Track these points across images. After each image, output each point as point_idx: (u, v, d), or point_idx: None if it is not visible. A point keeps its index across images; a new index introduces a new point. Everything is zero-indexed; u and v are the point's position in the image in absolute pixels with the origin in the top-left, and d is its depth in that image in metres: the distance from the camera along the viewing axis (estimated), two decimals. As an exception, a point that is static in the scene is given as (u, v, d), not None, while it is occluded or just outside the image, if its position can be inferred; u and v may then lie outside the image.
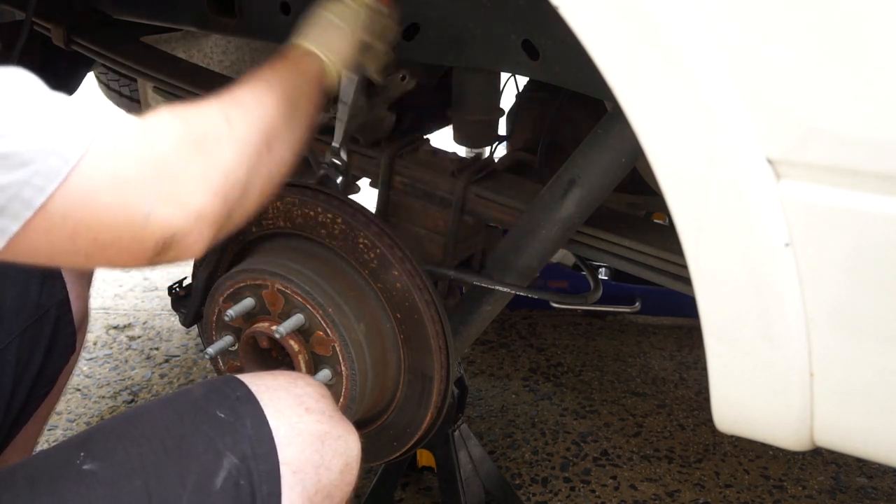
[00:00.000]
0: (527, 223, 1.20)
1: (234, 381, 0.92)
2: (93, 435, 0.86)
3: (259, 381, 0.93)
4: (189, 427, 0.86)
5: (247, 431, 0.87)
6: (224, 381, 0.93)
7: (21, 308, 1.15)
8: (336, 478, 0.91)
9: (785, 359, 0.79)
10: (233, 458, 0.85)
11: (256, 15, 1.38)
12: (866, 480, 2.02)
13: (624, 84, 0.76)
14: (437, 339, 1.19)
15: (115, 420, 0.89)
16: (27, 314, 1.16)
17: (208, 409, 0.88)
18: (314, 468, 0.89)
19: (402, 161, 1.38)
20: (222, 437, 0.86)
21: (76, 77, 2.13)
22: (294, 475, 0.87)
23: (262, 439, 0.87)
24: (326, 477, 0.90)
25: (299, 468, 0.88)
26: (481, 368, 2.49)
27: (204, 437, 0.85)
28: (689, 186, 0.77)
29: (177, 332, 2.70)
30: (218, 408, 0.88)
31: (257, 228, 1.26)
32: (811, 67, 0.69)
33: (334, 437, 0.92)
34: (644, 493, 1.97)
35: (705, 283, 0.80)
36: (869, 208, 0.70)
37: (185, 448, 0.84)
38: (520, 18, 1.12)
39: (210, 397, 0.90)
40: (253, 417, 0.88)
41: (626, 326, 2.75)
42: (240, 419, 0.88)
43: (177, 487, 0.82)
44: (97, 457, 0.82)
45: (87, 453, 0.82)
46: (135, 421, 0.87)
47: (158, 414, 0.88)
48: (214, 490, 0.83)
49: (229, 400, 0.89)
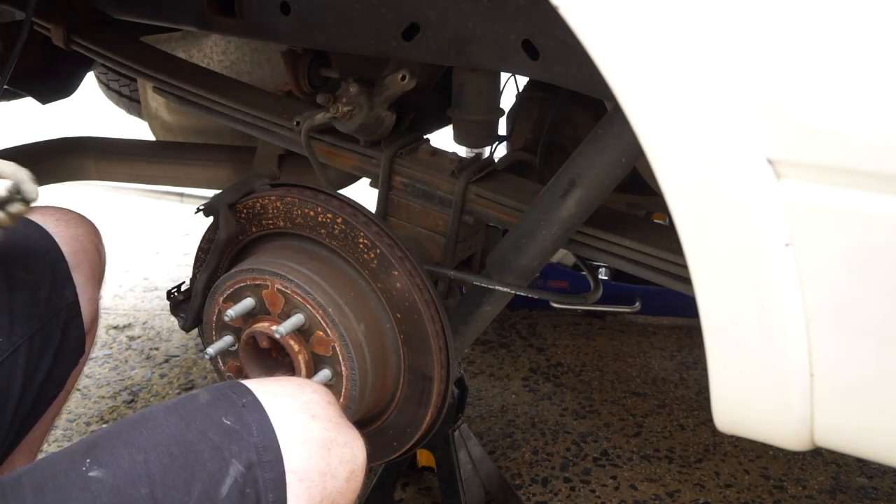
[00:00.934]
0: (527, 223, 1.20)
1: (241, 388, 0.92)
2: (98, 441, 0.85)
3: (265, 388, 0.93)
4: (195, 434, 0.86)
5: (253, 439, 0.86)
6: (230, 387, 0.92)
7: (32, 311, 1.15)
8: (342, 485, 0.91)
9: (785, 359, 0.79)
10: (239, 465, 0.85)
11: (256, 15, 1.38)
12: (866, 480, 2.02)
13: (624, 84, 0.76)
14: (437, 339, 1.19)
15: (120, 425, 0.88)
16: (38, 317, 1.16)
17: (214, 415, 0.88)
18: (320, 476, 0.89)
19: (402, 161, 1.38)
20: (228, 444, 0.85)
21: (76, 77, 2.12)
22: (300, 483, 0.87)
23: (268, 447, 0.87)
24: (332, 484, 0.90)
25: (305, 476, 0.87)
26: (481, 368, 2.49)
27: (210, 444, 0.85)
28: (689, 186, 0.77)
29: (177, 332, 2.70)
30: (224, 415, 0.88)
31: (257, 228, 1.26)
32: (812, 67, 0.69)
33: (340, 445, 0.92)
34: (644, 493, 1.97)
35: (705, 283, 0.80)
36: (869, 208, 0.70)
37: (191, 455, 0.84)
38: (520, 18, 1.12)
39: (216, 404, 0.89)
40: (259, 425, 0.88)
41: (626, 326, 2.75)
42: (246, 426, 0.87)
43: (183, 495, 0.82)
44: (103, 463, 0.82)
45: (92, 460, 0.82)
46: (141, 427, 0.87)
47: (164, 420, 0.88)
48: (220, 498, 0.83)
49: (236, 407, 0.89)
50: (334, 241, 1.20)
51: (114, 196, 3.84)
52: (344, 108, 1.30)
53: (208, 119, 1.64)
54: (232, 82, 1.64)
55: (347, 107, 1.30)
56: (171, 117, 2.32)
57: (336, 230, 1.19)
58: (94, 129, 2.51)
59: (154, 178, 2.13)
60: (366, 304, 1.20)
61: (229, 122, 1.58)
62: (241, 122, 1.56)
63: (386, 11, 1.24)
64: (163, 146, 2.24)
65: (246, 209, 1.25)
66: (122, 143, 2.14)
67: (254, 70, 2.12)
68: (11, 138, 2.15)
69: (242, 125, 1.56)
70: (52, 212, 1.25)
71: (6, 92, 1.83)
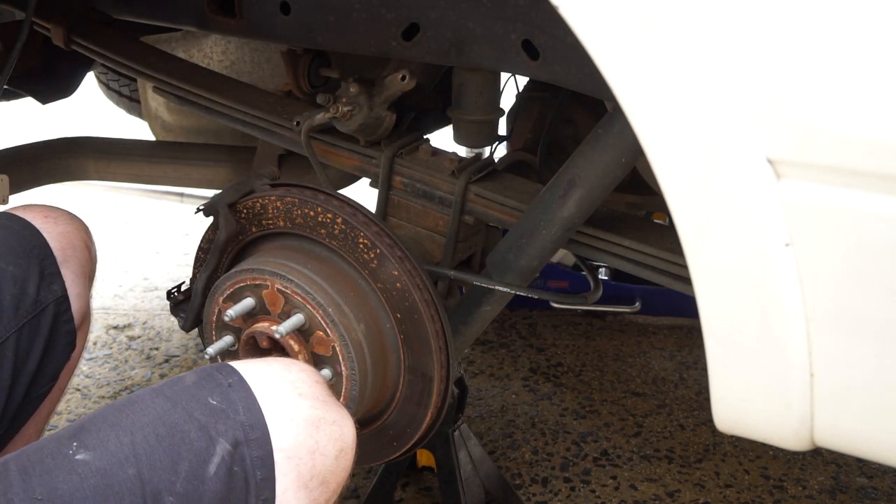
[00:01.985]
0: (527, 223, 1.20)
1: (227, 368, 0.92)
2: (85, 425, 0.86)
3: (252, 368, 0.93)
4: (181, 414, 0.86)
5: (239, 417, 0.87)
6: (216, 368, 0.93)
7: (19, 304, 1.16)
8: (331, 463, 0.91)
9: (785, 359, 0.79)
10: (226, 444, 0.85)
11: (256, 15, 1.38)
12: (866, 480, 2.02)
13: (624, 84, 0.76)
14: (437, 339, 1.19)
15: (107, 409, 0.89)
16: (25, 311, 1.17)
17: (200, 396, 0.88)
18: (309, 453, 0.89)
19: (401, 161, 1.38)
20: (215, 423, 0.86)
21: (76, 77, 2.12)
22: (288, 461, 0.87)
23: (254, 425, 0.87)
24: (321, 462, 0.90)
25: (294, 454, 0.87)
26: (481, 368, 2.49)
27: (196, 423, 0.85)
28: (689, 186, 0.76)
29: (177, 332, 2.70)
30: (210, 395, 0.88)
31: (257, 228, 1.26)
32: (812, 67, 0.69)
33: (329, 423, 0.92)
34: (644, 493, 1.97)
35: (705, 284, 0.80)
36: (869, 208, 0.70)
37: (177, 435, 0.84)
38: (520, 18, 1.12)
39: (202, 384, 0.89)
40: (245, 403, 0.88)
41: (626, 326, 2.75)
42: (232, 405, 0.87)
43: (170, 475, 0.82)
44: (90, 446, 0.82)
45: (79, 443, 0.83)
46: (127, 409, 0.87)
47: (150, 402, 0.88)
48: (208, 476, 0.83)
49: (222, 387, 0.89)
50: (334, 241, 1.20)
51: (114, 196, 3.84)
52: (344, 108, 1.30)
53: (208, 119, 1.64)
54: (232, 82, 1.64)
55: (347, 107, 1.30)
56: (171, 117, 2.32)
57: (336, 230, 1.19)
58: (94, 129, 2.51)
59: (154, 178, 2.13)
60: (366, 304, 1.20)
61: (229, 122, 1.58)
62: (241, 122, 1.56)
63: (386, 11, 1.24)
64: (163, 146, 2.24)
65: (246, 209, 1.25)
66: (122, 143, 2.14)
67: (254, 70, 2.12)
68: (11, 138, 2.15)
69: (242, 125, 1.56)
70: (41, 209, 1.27)
71: (6, 92, 1.83)
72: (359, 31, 1.27)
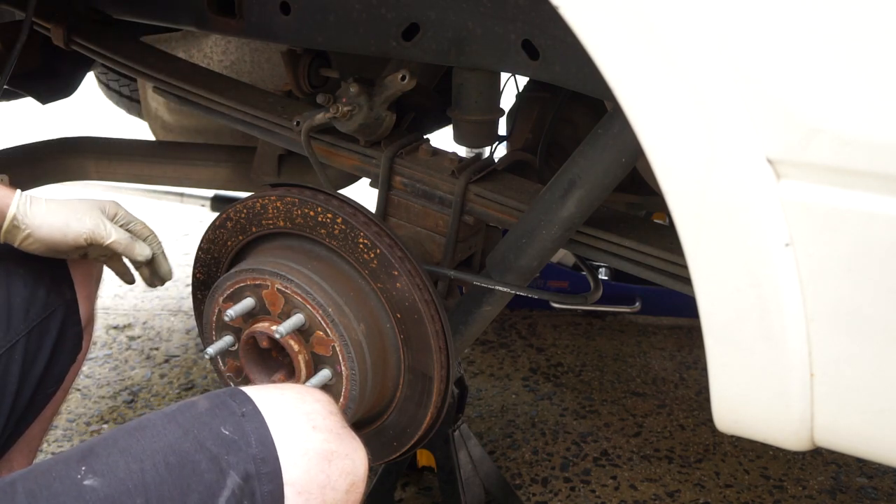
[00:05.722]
0: (527, 223, 1.20)
1: (241, 396, 0.91)
2: (95, 448, 0.85)
3: (266, 396, 0.92)
4: (193, 443, 0.85)
5: (252, 450, 0.86)
6: (230, 395, 0.91)
7: (29, 307, 1.16)
8: (342, 497, 0.90)
9: (785, 359, 0.79)
10: (236, 477, 0.84)
11: (256, 15, 1.38)
12: (866, 480, 2.02)
13: (624, 84, 0.76)
14: (437, 339, 1.18)
15: (117, 432, 0.88)
16: (35, 313, 1.17)
17: (213, 424, 0.87)
18: (319, 488, 0.88)
19: (402, 161, 1.38)
20: (226, 455, 0.85)
21: (76, 77, 2.12)
22: (298, 496, 0.86)
23: (266, 459, 0.86)
24: (332, 497, 0.89)
25: (304, 488, 0.86)
26: (481, 368, 2.50)
27: (208, 454, 0.84)
28: (689, 186, 0.77)
29: (177, 332, 2.70)
30: (223, 424, 0.87)
31: (257, 228, 1.26)
32: (812, 67, 0.69)
33: (341, 456, 0.91)
34: (644, 493, 1.97)
35: (705, 283, 0.80)
36: (869, 208, 0.70)
37: (187, 466, 0.83)
38: (520, 18, 1.12)
39: (215, 412, 0.88)
40: (258, 435, 0.87)
41: (626, 326, 2.76)
42: (245, 437, 0.86)
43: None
44: (98, 472, 0.81)
45: (88, 467, 0.81)
46: (138, 434, 0.86)
47: (162, 428, 0.87)
48: None
49: (235, 416, 0.88)
50: (334, 241, 1.20)
51: (114, 196, 3.84)
52: (344, 108, 1.30)
53: (208, 119, 1.64)
54: (232, 82, 1.64)
55: (347, 107, 1.30)
56: (171, 117, 2.32)
57: (336, 230, 1.19)
58: (94, 129, 2.51)
59: (154, 178, 2.13)
60: (366, 304, 1.20)
61: (229, 122, 1.58)
62: (241, 122, 1.56)
63: (386, 11, 1.24)
64: (163, 146, 2.24)
65: (246, 209, 1.25)
66: (122, 143, 2.14)
67: (254, 70, 2.12)
68: (11, 138, 2.15)
69: (242, 125, 1.56)
70: None
71: (6, 92, 1.83)
72: (359, 31, 1.27)
